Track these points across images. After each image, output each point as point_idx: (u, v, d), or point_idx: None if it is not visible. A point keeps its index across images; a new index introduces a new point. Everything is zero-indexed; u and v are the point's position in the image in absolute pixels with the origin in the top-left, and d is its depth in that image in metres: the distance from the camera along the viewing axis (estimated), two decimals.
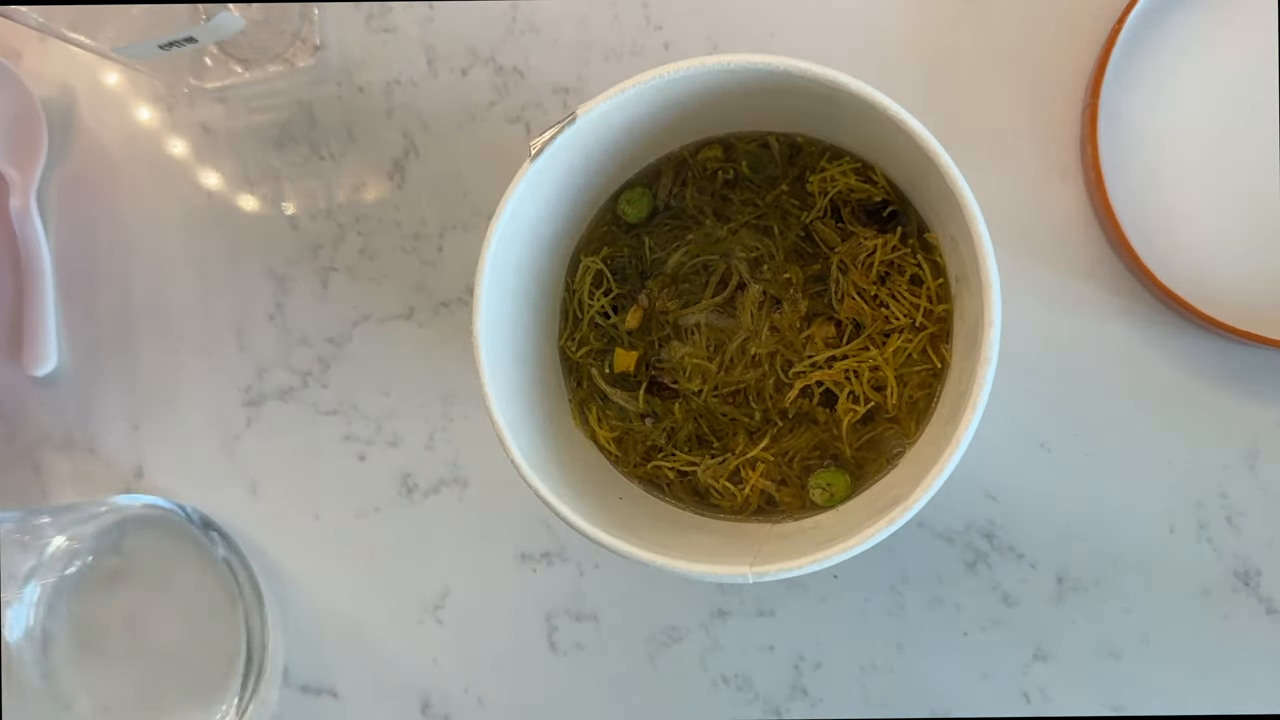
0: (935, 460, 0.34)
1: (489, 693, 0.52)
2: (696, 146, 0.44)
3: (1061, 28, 0.49)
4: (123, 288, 0.54)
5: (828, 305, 0.43)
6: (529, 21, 0.52)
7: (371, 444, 0.52)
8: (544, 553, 0.51)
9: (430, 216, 0.52)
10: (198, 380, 0.54)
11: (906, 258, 0.42)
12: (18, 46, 0.55)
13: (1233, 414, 0.48)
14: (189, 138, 0.54)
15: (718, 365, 0.44)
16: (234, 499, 0.53)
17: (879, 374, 0.42)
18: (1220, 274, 0.46)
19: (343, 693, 0.52)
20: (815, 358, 0.43)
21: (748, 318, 0.43)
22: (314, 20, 0.53)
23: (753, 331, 0.43)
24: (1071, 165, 0.49)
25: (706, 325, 0.44)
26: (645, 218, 0.45)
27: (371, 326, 0.53)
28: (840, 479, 0.42)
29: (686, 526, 0.42)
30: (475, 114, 0.52)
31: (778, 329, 0.43)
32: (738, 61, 0.36)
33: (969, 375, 0.35)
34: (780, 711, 0.50)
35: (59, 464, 0.54)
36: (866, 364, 0.42)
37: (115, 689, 0.52)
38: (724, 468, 0.43)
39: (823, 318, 0.43)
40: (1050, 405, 0.48)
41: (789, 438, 0.43)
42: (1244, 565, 0.47)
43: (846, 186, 0.43)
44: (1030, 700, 0.48)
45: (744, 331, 0.43)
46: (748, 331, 0.43)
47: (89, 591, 0.52)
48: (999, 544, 0.48)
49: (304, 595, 0.53)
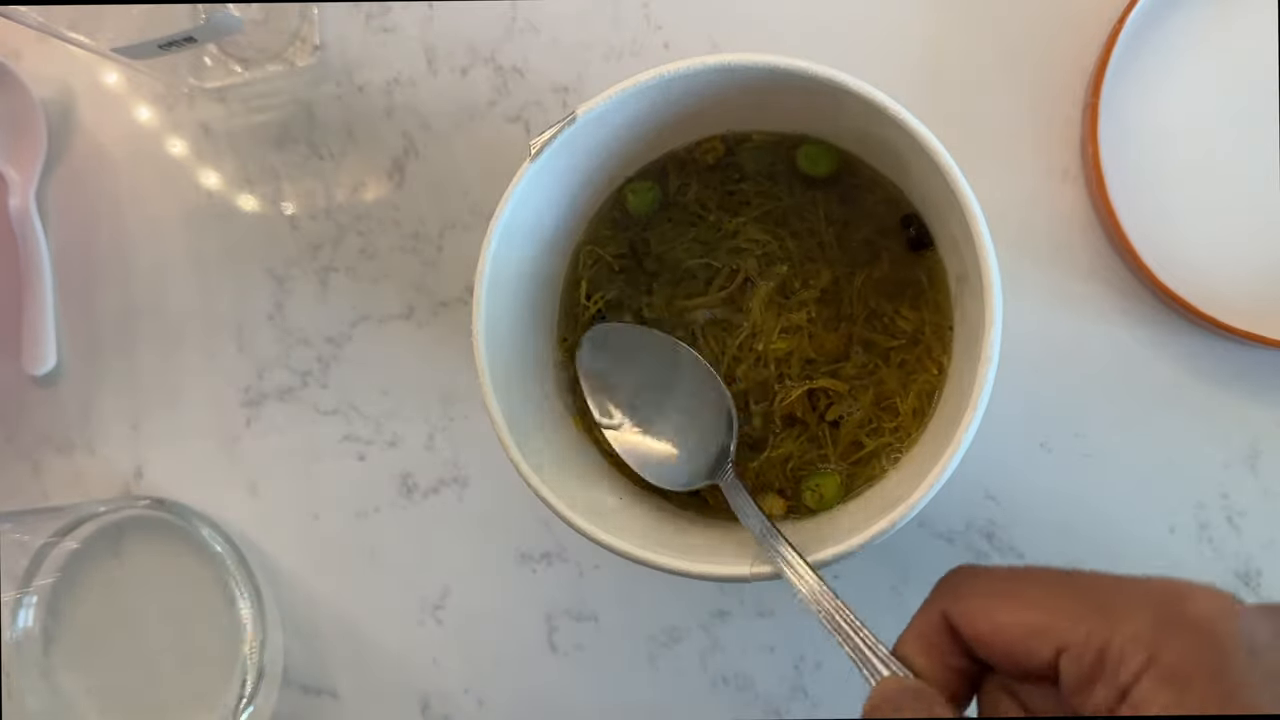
0: (936, 461, 0.34)
1: (489, 693, 0.52)
2: (697, 144, 0.44)
3: (1061, 28, 0.49)
4: (122, 287, 0.54)
5: (837, 312, 0.43)
6: (529, 21, 0.52)
7: (371, 444, 0.52)
8: (544, 553, 0.51)
9: (430, 216, 0.52)
10: (198, 380, 0.54)
11: (915, 264, 0.42)
12: (18, 46, 0.55)
13: (1233, 414, 0.48)
14: (189, 138, 0.54)
15: (724, 360, 0.43)
16: (234, 499, 0.53)
17: (884, 388, 0.42)
18: (1220, 274, 0.46)
19: (343, 693, 0.52)
20: (822, 365, 0.43)
21: (757, 315, 0.43)
22: (314, 20, 0.53)
23: (761, 329, 0.43)
24: (1071, 165, 0.49)
25: (710, 321, 0.44)
26: (650, 211, 0.45)
27: (371, 326, 0.53)
28: (830, 482, 0.42)
29: (686, 526, 0.42)
30: (475, 114, 0.52)
31: (788, 331, 0.43)
32: (738, 61, 0.36)
33: (970, 376, 0.35)
34: (780, 711, 0.50)
35: (58, 464, 0.54)
36: (873, 379, 0.42)
37: (115, 689, 0.52)
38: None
39: (831, 323, 0.43)
40: (1050, 405, 0.48)
41: (788, 443, 0.43)
42: (1244, 565, 0.47)
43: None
44: None
45: (750, 327, 0.43)
46: (755, 328, 0.43)
47: (89, 592, 0.52)
48: (999, 544, 0.48)
49: (304, 595, 0.53)
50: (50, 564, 0.51)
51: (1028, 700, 0.29)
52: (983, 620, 0.29)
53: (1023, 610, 0.28)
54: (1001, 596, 0.29)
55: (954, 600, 0.30)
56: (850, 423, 0.42)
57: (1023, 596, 0.29)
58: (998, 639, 0.28)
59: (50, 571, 0.51)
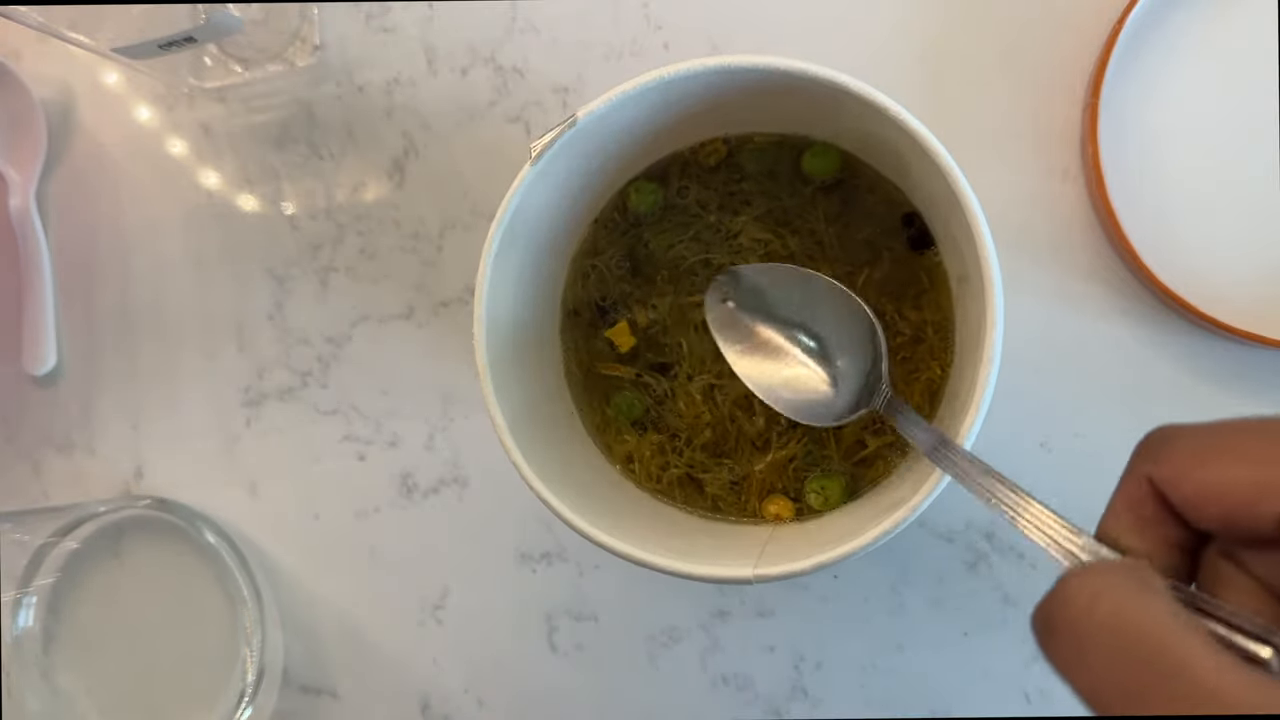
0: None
1: (489, 693, 0.52)
2: (699, 146, 0.44)
3: (1061, 28, 0.49)
4: (122, 288, 0.54)
5: None
6: (529, 21, 0.52)
7: (371, 444, 0.52)
8: (544, 553, 0.51)
9: (430, 216, 0.52)
10: (197, 380, 0.54)
11: (916, 264, 0.42)
12: (18, 46, 0.55)
13: (1233, 414, 0.47)
14: (188, 138, 0.54)
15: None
16: (234, 499, 0.53)
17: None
18: (1220, 274, 0.46)
19: (343, 693, 0.52)
20: None
21: None
22: (313, 20, 0.53)
23: None
24: (1071, 165, 0.49)
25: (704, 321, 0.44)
26: (651, 211, 0.45)
27: (371, 326, 0.53)
28: (835, 484, 0.42)
29: (687, 527, 0.42)
30: (475, 114, 0.52)
31: None
32: (738, 62, 0.36)
33: (971, 377, 0.35)
34: (780, 711, 0.50)
35: (58, 464, 0.54)
36: None
37: (115, 689, 0.52)
38: (727, 474, 0.43)
39: None
40: (1050, 405, 0.48)
41: (791, 444, 0.43)
42: None
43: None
44: (1030, 700, 0.48)
45: None
46: None
47: (89, 592, 0.52)
48: (999, 544, 0.48)
49: (304, 596, 0.53)
50: (50, 564, 0.51)
51: (1255, 567, 0.25)
52: (1194, 481, 0.26)
53: (1240, 465, 0.25)
54: (1213, 453, 0.26)
55: (1157, 464, 0.27)
56: (853, 423, 0.42)
57: (1237, 450, 0.25)
58: (1214, 500, 0.25)
59: (50, 571, 0.51)
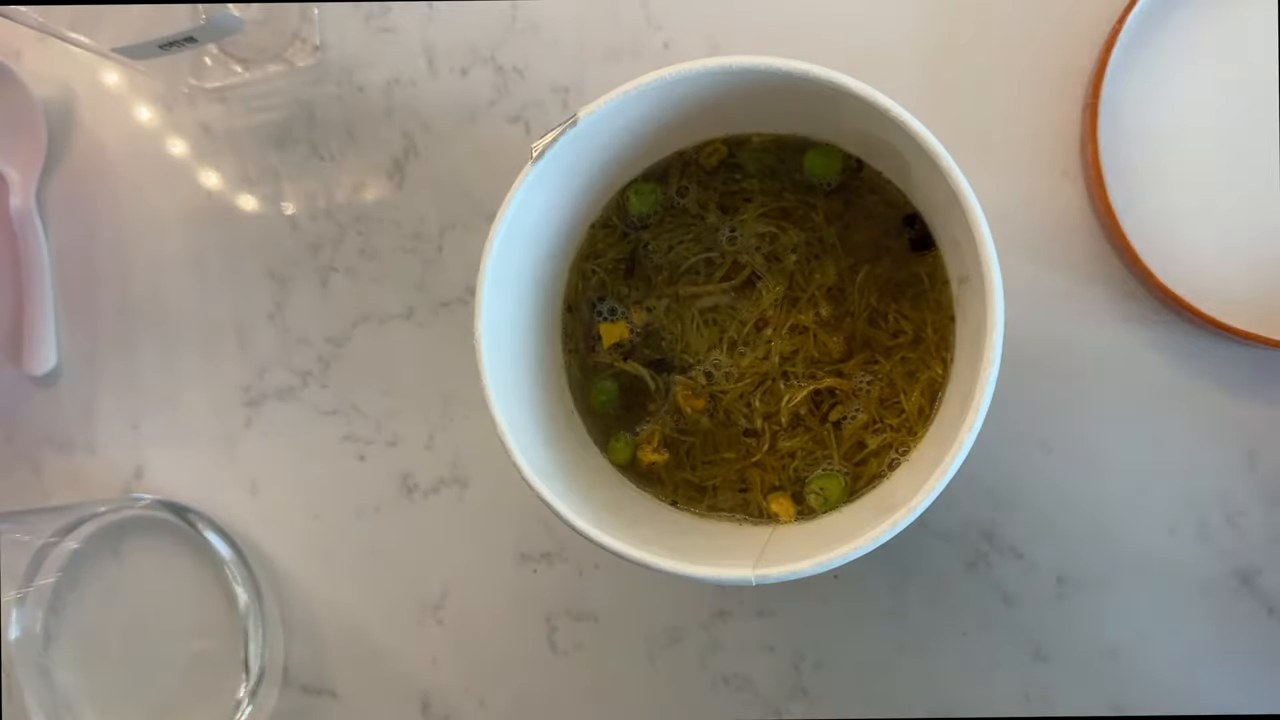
0: (938, 463, 0.34)
1: (489, 693, 0.52)
2: (699, 146, 0.44)
3: (1061, 28, 0.49)
4: (122, 288, 0.54)
5: (841, 312, 0.43)
6: (529, 21, 0.52)
7: (371, 444, 0.52)
8: (544, 553, 0.51)
9: (430, 216, 0.52)
10: (198, 380, 0.54)
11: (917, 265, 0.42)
12: (18, 46, 0.55)
13: (1233, 414, 0.48)
14: (188, 138, 0.54)
15: (724, 341, 0.43)
16: (234, 499, 0.53)
17: (889, 386, 0.42)
18: (1220, 274, 0.46)
19: (343, 693, 0.52)
20: (826, 365, 0.43)
21: (768, 305, 0.43)
22: (314, 20, 0.52)
23: (770, 319, 0.43)
24: (1071, 165, 0.49)
25: (713, 308, 0.44)
26: (651, 212, 0.45)
27: (371, 326, 0.53)
28: (835, 484, 0.42)
29: (688, 528, 0.42)
30: (475, 114, 0.52)
31: (795, 330, 0.43)
32: (739, 63, 0.36)
33: (971, 377, 0.35)
34: (780, 711, 0.50)
35: (59, 464, 0.54)
36: (878, 377, 0.42)
37: (115, 689, 0.52)
38: (728, 474, 0.43)
39: (835, 323, 0.43)
40: (1050, 405, 0.48)
41: (789, 443, 0.43)
42: (1244, 565, 0.47)
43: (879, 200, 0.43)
44: (1030, 700, 0.48)
45: (759, 313, 0.43)
46: (764, 317, 0.43)
47: (89, 592, 0.52)
48: (999, 544, 0.48)
49: (304, 595, 0.53)
50: (50, 564, 0.51)
51: None
52: None
53: None
54: None
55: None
56: (854, 424, 0.42)
57: None
58: None
59: (50, 571, 0.51)
